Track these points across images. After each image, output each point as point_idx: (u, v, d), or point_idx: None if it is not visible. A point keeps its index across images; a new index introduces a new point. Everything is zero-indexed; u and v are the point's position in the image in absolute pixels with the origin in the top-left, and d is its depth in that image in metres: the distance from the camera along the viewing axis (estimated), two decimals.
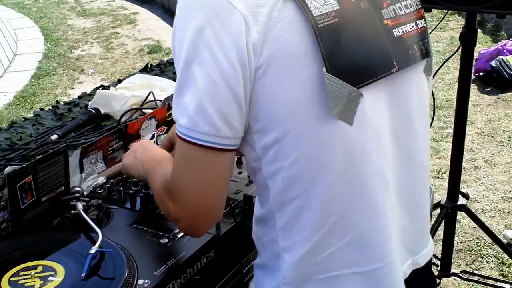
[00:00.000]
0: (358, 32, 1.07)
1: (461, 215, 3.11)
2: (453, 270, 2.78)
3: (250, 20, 0.99)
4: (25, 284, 1.18)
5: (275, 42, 1.00)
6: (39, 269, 1.23)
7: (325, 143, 1.05)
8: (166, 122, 1.85)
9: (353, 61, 1.05)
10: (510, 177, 3.97)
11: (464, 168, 3.98)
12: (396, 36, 1.12)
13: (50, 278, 1.20)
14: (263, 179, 1.11)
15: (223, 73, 1.00)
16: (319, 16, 1.01)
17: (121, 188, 1.55)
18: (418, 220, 1.25)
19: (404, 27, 1.14)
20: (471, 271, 3.03)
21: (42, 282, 1.19)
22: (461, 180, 3.06)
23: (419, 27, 1.18)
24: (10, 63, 7.10)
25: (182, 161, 1.08)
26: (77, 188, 1.49)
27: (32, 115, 2.19)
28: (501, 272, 3.08)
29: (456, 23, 6.57)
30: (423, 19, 1.20)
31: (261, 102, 1.03)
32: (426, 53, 1.19)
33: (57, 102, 2.35)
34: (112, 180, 1.61)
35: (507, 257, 3.03)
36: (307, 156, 1.05)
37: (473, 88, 5.32)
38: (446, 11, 2.54)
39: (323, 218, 1.08)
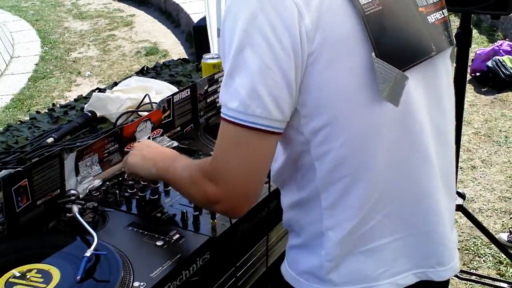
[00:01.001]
0: (400, 19, 1.14)
1: (458, 215, 3.11)
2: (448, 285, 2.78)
3: (302, 8, 1.03)
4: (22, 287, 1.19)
5: (327, 29, 1.05)
6: (35, 272, 1.23)
7: (374, 124, 1.11)
8: (161, 124, 1.85)
9: (398, 45, 1.11)
10: (507, 177, 3.98)
11: (461, 168, 3.99)
12: (430, 22, 1.20)
13: (46, 281, 1.20)
14: (309, 161, 1.14)
15: (276, 57, 1.03)
16: (365, 4, 1.08)
17: (117, 191, 1.55)
18: (452, 199, 1.32)
19: (435, 15, 1.22)
20: (468, 270, 3.04)
21: (37, 285, 1.19)
22: (458, 180, 3.07)
23: (444, 16, 1.26)
24: (7, 66, 7.10)
25: (229, 144, 1.09)
26: (72, 191, 1.49)
27: (28, 118, 2.19)
28: (499, 272, 3.08)
29: (452, 23, 6.57)
30: (445, 9, 1.27)
31: (312, 87, 1.07)
32: (451, 41, 1.27)
33: (53, 105, 2.35)
34: (107, 183, 1.61)
35: (504, 257, 3.03)
36: (357, 137, 1.11)
37: (470, 88, 5.33)
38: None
39: (369, 194, 1.14)
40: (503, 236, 3.25)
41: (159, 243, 1.33)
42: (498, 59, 5.31)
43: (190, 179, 1.20)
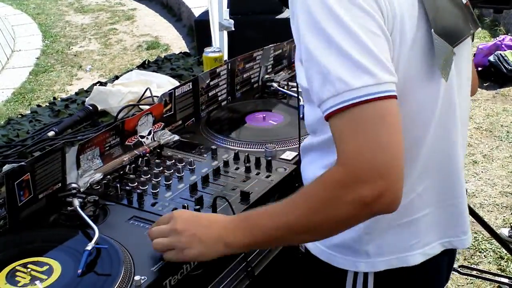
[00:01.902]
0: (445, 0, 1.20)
1: None
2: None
3: None
4: (22, 281, 1.18)
5: (402, 5, 1.08)
6: (36, 265, 1.23)
7: (430, 99, 1.16)
8: (163, 118, 1.85)
9: (448, 23, 1.17)
10: (508, 172, 3.97)
11: None
12: (463, 3, 1.27)
13: (47, 274, 1.20)
14: None
15: (378, 24, 1.03)
16: None
17: (118, 185, 1.54)
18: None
19: None
20: (469, 265, 3.04)
21: (39, 278, 1.19)
22: None
23: (468, 0, 1.31)
24: (8, 59, 7.10)
25: (368, 127, 0.99)
26: (73, 185, 1.49)
27: (29, 112, 2.19)
28: (499, 267, 3.09)
29: None
30: None
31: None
32: (477, 23, 1.32)
33: (54, 98, 2.34)
34: (108, 176, 1.60)
35: (505, 252, 3.03)
36: (416, 111, 1.14)
37: None
38: None
39: (414, 168, 1.18)
40: (504, 231, 3.25)
41: None
42: (500, 54, 5.30)
43: (319, 205, 1.04)
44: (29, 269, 1.21)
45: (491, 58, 5.31)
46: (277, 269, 1.60)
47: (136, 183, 1.56)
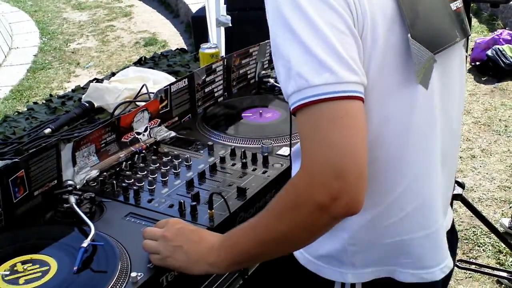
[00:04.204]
0: (429, 4, 1.14)
1: (457, 204, 3.11)
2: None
3: None
4: (18, 278, 1.18)
5: (374, 5, 1.03)
6: (32, 263, 1.22)
7: (406, 107, 1.10)
8: (159, 114, 1.85)
9: (429, 29, 1.11)
10: (507, 166, 3.97)
11: (460, 157, 3.98)
12: (453, 9, 1.21)
13: (43, 272, 1.20)
14: None
15: (346, 23, 0.99)
16: None
17: (114, 181, 1.54)
18: (451, 186, 1.31)
19: (455, 3, 1.22)
20: (467, 259, 3.04)
21: (35, 276, 1.19)
22: (458, 170, 3.06)
23: (460, 6, 1.25)
24: (5, 57, 7.08)
25: (328, 126, 0.97)
26: (69, 182, 1.48)
27: (26, 109, 2.18)
28: (498, 261, 3.09)
29: None
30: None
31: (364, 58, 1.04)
32: (467, 30, 1.26)
33: (51, 95, 2.34)
34: (105, 173, 1.60)
35: (504, 246, 3.03)
36: (389, 119, 1.09)
37: (470, 77, 5.32)
38: None
39: (397, 182, 1.13)
40: (505, 222, 3.25)
41: None
42: (498, 48, 5.30)
43: (284, 213, 1.02)
44: (25, 266, 1.21)
45: (489, 52, 5.31)
46: (270, 269, 1.60)
47: (133, 180, 1.56)
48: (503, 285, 2.91)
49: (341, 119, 0.96)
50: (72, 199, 1.41)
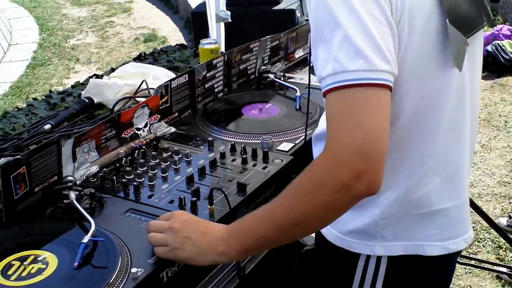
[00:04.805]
0: None
1: None
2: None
3: None
4: (19, 274, 1.18)
5: None
6: (32, 258, 1.23)
7: (443, 88, 1.17)
8: (159, 110, 1.85)
9: (463, 13, 1.17)
10: (507, 162, 3.97)
11: None
12: None
13: (43, 267, 1.20)
14: None
15: (384, 13, 1.03)
16: None
17: (114, 177, 1.54)
18: (471, 164, 1.37)
19: None
20: (467, 255, 3.04)
21: (35, 271, 1.19)
22: None
23: None
24: (5, 53, 7.07)
25: (356, 110, 1.01)
26: (70, 178, 1.48)
27: (25, 105, 2.18)
28: (498, 256, 3.09)
29: None
30: None
31: (401, 44, 1.08)
32: (490, 16, 1.31)
33: (51, 91, 2.34)
34: (105, 169, 1.60)
35: (504, 241, 3.04)
36: (428, 100, 1.15)
37: None
38: None
39: (427, 156, 1.19)
40: (503, 221, 3.25)
41: None
42: (498, 44, 5.29)
43: (308, 194, 1.04)
44: (25, 262, 1.21)
45: (489, 48, 5.30)
46: (268, 267, 1.60)
47: (133, 176, 1.56)
48: (503, 280, 2.91)
49: (371, 104, 1.01)
50: (72, 195, 1.41)
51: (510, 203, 3.52)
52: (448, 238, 1.26)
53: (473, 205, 2.76)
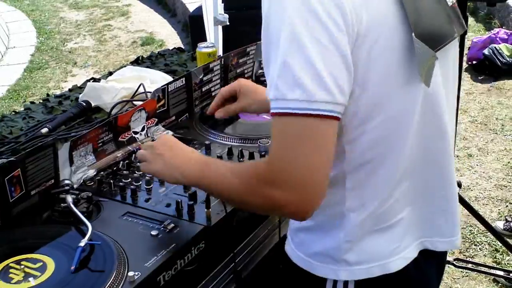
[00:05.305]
0: (428, 2, 1.16)
1: None
2: (446, 258, 2.78)
3: None
4: (16, 278, 1.18)
5: (373, 9, 1.04)
6: (29, 262, 1.22)
7: (409, 106, 1.13)
8: (156, 114, 1.85)
9: (430, 27, 1.13)
10: (504, 165, 3.98)
11: (457, 156, 3.99)
12: (449, 5, 1.23)
13: (40, 271, 1.20)
14: (340, 146, 1.12)
15: (332, 37, 1.00)
16: None
17: (111, 181, 1.54)
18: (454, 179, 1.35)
19: None
20: (464, 258, 3.05)
21: (32, 275, 1.19)
22: (455, 168, 3.07)
23: (455, 1, 1.27)
24: (2, 56, 7.07)
25: (292, 140, 1.02)
26: (66, 181, 1.48)
27: (23, 109, 2.18)
28: (495, 259, 3.09)
29: None
30: None
31: (358, 67, 1.04)
32: (464, 25, 1.28)
33: (48, 95, 2.34)
34: (102, 172, 1.60)
35: (500, 245, 3.04)
36: (393, 118, 1.12)
37: (466, 76, 5.33)
38: None
39: (393, 175, 1.17)
40: (499, 224, 3.25)
41: (154, 232, 1.33)
42: (495, 47, 5.30)
43: (244, 187, 1.10)
44: (22, 266, 1.21)
45: (486, 51, 5.31)
46: (264, 271, 1.60)
47: (130, 179, 1.56)
48: (500, 284, 2.92)
49: (306, 137, 1.01)
50: (69, 198, 1.41)
51: (507, 206, 3.53)
52: (405, 247, 1.23)
53: (469, 208, 2.77)
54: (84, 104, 2.04)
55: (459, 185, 2.70)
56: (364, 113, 1.09)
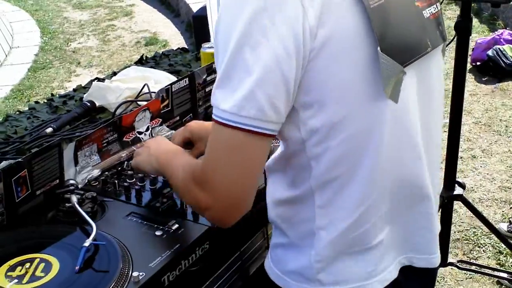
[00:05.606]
0: (399, 13, 1.11)
1: (458, 205, 3.11)
2: (450, 260, 2.78)
3: (306, 3, 0.99)
4: (20, 277, 1.18)
5: (331, 24, 1.01)
6: (34, 262, 1.23)
7: (375, 122, 1.08)
8: (160, 114, 1.85)
9: (399, 40, 1.09)
10: (507, 167, 3.97)
11: (461, 157, 3.98)
12: (426, 17, 1.18)
13: (45, 271, 1.20)
14: (305, 160, 1.11)
15: (277, 58, 0.99)
16: None
17: (116, 181, 1.54)
18: (436, 196, 1.32)
19: (429, 9, 1.20)
20: (468, 260, 3.04)
21: (37, 275, 1.19)
22: (458, 170, 3.06)
23: (437, 10, 1.23)
24: (6, 56, 7.08)
25: (220, 148, 1.05)
26: (71, 181, 1.49)
27: (27, 108, 2.18)
28: (498, 261, 3.09)
29: (453, 12, 6.54)
30: (439, 3, 1.24)
31: (313, 83, 1.03)
32: (444, 36, 1.25)
33: (52, 95, 2.34)
34: (106, 172, 1.60)
35: (504, 247, 3.04)
36: (357, 135, 1.08)
37: (470, 77, 5.32)
38: (442, 0, 2.54)
39: (364, 194, 1.12)
40: (503, 226, 3.25)
41: (158, 233, 1.33)
42: (499, 48, 5.29)
43: (182, 182, 1.17)
44: (27, 266, 1.21)
45: (490, 52, 5.30)
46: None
47: (134, 179, 1.56)
48: (503, 286, 2.91)
49: (233, 148, 1.04)
50: (74, 198, 1.41)
51: (511, 208, 3.52)
52: (383, 269, 1.20)
53: (473, 210, 2.77)
54: (89, 104, 2.04)
55: (463, 186, 2.69)
56: (325, 130, 1.07)
